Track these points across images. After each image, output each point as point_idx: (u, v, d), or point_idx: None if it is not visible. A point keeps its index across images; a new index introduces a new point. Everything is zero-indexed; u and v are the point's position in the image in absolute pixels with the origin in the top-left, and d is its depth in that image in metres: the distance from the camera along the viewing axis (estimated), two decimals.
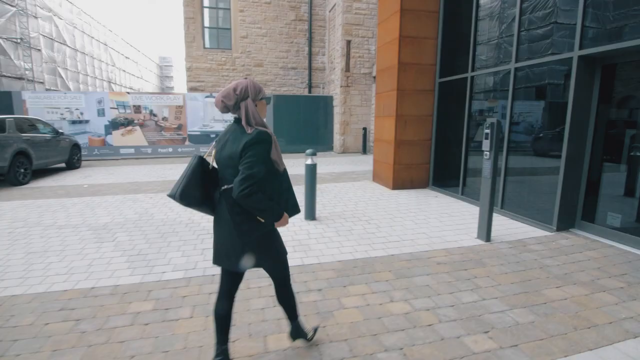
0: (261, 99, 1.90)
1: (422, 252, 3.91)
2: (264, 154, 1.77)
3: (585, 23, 4.18)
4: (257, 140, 1.74)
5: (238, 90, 1.80)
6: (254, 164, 1.71)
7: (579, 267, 3.51)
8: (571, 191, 4.47)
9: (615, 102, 4.30)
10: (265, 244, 1.95)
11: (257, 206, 1.76)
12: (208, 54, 14.87)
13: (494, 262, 3.65)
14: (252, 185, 1.69)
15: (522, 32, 5.04)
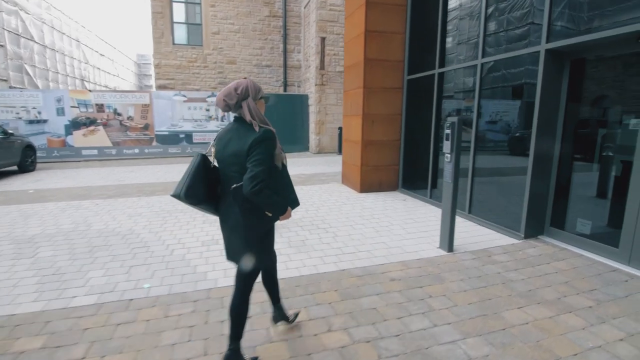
0: (260, 98, 1.96)
1: (376, 266, 3.52)
2: (271, 151, 1.83)
3: (552, 15, 3.87)
4: (263, 138, 1.80)
5: (239, 90, 1.86)
6: (262, 161, 1.77)
7: (545, 281, 3.18)
8: (539, 196, 4.17)
9: (585, 99, 4.00)
10: (262, 243, 2.01)
11: (267, 201, 1.82)
12: (178, 50, 14.24)
13: (453, 276, 3.29)
14: (262, 182, 1.75)
15: (489, 26, 4.71)
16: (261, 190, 1.75)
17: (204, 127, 13.24)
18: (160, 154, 13.00)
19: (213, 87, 14.58)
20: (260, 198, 1.78)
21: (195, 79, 14.50)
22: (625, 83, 3.73)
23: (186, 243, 4.18)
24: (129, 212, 5.55)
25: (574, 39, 3.58)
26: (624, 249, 3.45)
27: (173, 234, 4.52)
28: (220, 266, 3.52)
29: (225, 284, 3.16)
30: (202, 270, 3.46)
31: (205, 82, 14.57)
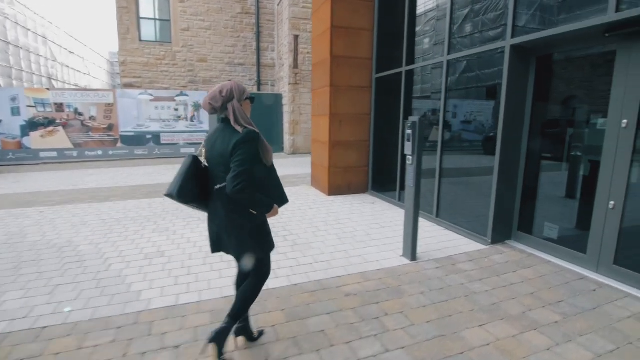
0: (246, 99, 2.00)
1: (333, 280, 3.23)
2: (253, 152, 1.89)
3: (517, 9, 3.67)
4: (246, 139, 1.85)
5: (224, 92, 1.91)
6: (244, 162, 1.82)
7: (510, 293, 2.96)
8: (506, 198, 3.97)
9: (553, 97, 3.83)
10: (258, 236, 2.04)
11: (249, 199, 1.88)
12: (145, 47, 13.61)
13: (413, 289, 3.03)
14: (243, 181, 1.80)
15: (455, 21, 4.50)
16: (243, 190, 1.80)
17: (173, 127, 12.70)
18: (126, 155, 12.38)
19: (183, 86, 14.03)
20: (242, 196, 1.83)
21: (164, 78, 13.91)
22: (593, 83, 3.57)
23: (127, 256, 3.78)
24: (74, 221, 5.08)
25: (539, 34, 3.38)
26: (592, 255, 3.28)
27: (115, 245, 4.11)
28: (159, 283, 3.16)
29: (160, 304, 2.81)
30: (136, 288, 3.08)
31: (174, 81, 14.00)
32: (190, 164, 1.97)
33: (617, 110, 3.02)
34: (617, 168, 3.04)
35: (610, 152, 3.09)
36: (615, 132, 3.04)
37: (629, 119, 2.94)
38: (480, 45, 4.15)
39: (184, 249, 3.98)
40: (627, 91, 2.93)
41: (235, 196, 1.82)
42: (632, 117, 2.92)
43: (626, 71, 2.94)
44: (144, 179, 8.65)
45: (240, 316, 2.09)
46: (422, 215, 5.09)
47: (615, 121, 3.04)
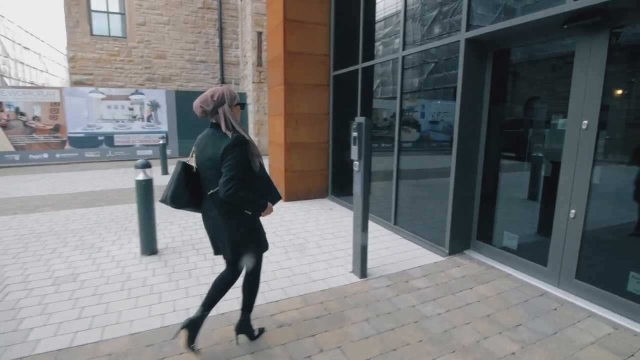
0: (236, 104, 2.06)
1: (268, 305, 2.80)
2: (243, 156, 1.93)
3: (472, 1, 3.37)
4: (235, 144, 1.91)
5: (215, 97, 1.97)
6: (235, 166, 1.89)
7: (465, 316, 2.63)
8: (464, 205, 3.68)
9: (511, 95, 3.56)
10: (252, 236, 2.12)
11: (242, 201, 1.96)
12: (97, 42, 12.71)
13: (358, 315, 2.65)
14: (235, 185, 1.87)
15: (410, 14, 4.18)
16: (235, 193, 1.87)
17: (128, 128, 11.90)
18: (76, 158, 11.48)
19: (140, 84, 13.22)
20: (235, 199, 1.90)
21: (119, 75, 13.04)
22: (553, 80, 3.31)
23: (33, 281, 3.21)
24: None
25: (493, 26, 3.08)
26: (553, 268, 3.01)
27: (24, 267, 3.51)
28: (57, 317, 2.63)
29: (48, 347, 2.29)
30: (27, 325, 2.54)
31: (130, 78, 13.16)
32: (180, 171, 2.05)
33: (577, 110, 2.75)
34: (578, 173, 2.77)
35: (570, 156, 2.82)
36: (575, 134, 2.77)
37: (589, 119, 2.67)
38: (436, 40, 3.83)
39: (104, 270, 3.45)
40: (588, 89, 2.66)
41: (228, 199, 1.90)
42: (593, 118, 2.65)
43: (586, 68, 2.67)
44: (89, 185, 7.92)
45: (251, 309, 2.31)
46: (379, 222, 4.75)
47: (575, 122, 2.77)
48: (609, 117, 2.67)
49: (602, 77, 2.57)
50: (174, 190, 2.02)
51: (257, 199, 2.04)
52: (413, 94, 4.53)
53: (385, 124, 5.29)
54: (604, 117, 2.66)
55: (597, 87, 2.61)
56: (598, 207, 2.81)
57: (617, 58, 2.57)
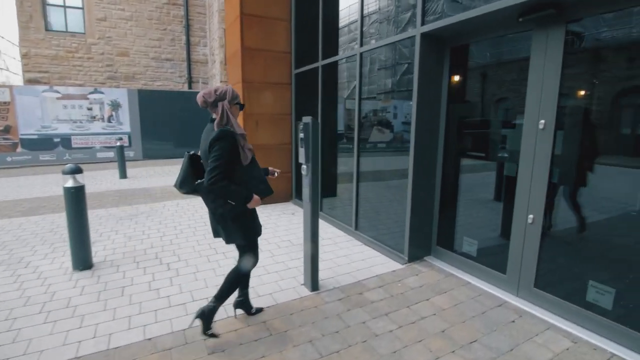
0: (236, 104, 2.26)
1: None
2: (227, 148, 2.07)
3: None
4: (220, 136, 2.07)
5: (219, 91, 2.18)
6: (219, 157, 2.05)
7: (418, 333, 2.42)
8: (424, 209, 3.49)
9: (471, 93, 3.39)
10: (239, 225, 2.24)
11: (224, 191, 2.11)
12: (52, 38, 11.94)
13: (302, 337, 2.39)
14: (217, 175, 2.03)
15: (368, 9, 3.96)
16: (216, 183, 2.03)
17: (86, 129, 11.24)
18: (29, 162, 10.74)
19: (101, 83, 12.54)
20: (216, 189, 2.07)
21: (77, 73, 12.33)
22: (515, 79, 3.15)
23: None
24: None
25: (447, 20, 2.89)
26: (512, 276, 2.85)
27: None
28: None
29: None
30: None
31: (90, 77, 12.47)
32: (186, 161, 2.25)
33: (533, 109, 2.59)
34: (536, 176, 2.62)
35: (527, 157, 2.66)
36: (532, 134, 2.61)
37: (546, 119, 2.52)
38: (393, 35, 3.63)
39: (25, 289, 3.06)
40: (545, 87, 2.51)
41: (210, 189, 2.07)
42: (550, 117, 2.50)
43: (542, 64, 2.51)
44: (37, 190, 7.35)
45: (225, 298, 2.35)
46: (341, 228, 4.53)
47: (532, 121, 2.61)
48: (567, 117, 2.52)
49: (559, 74, 2.42)
50: (182, 177, 2.25)
51: (239, 190, 2.14)
52: (384, 94, 4.32)
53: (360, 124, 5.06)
54: (563, 117, 2.51)
55: (553, 84, 2.45)
56: (558, 211, 2.67)
57: (574, 53, 2.43)
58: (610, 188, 2.46)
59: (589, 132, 2.49)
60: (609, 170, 2.44)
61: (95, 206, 5.93)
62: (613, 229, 2.47)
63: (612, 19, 2.26)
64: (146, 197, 6.55)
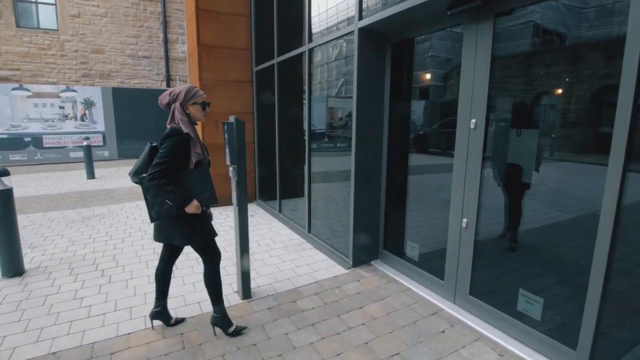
0: (193, 103, 2.20)
1: (117, 339, 2.35)
2: (172, 147, 2.05)
3: None
4: (169, 134, 2.07)
5: (172, 94, 2.18)
6: (164, 155, 2.03)
7: (340, 345, 2.28)
8: (369, 211, 3.36)
9: (415, 91, 3.26)
10: (175, 226, 2.20)
11: (161, 189, 2.05)
12: (24, 34, 11.62)
13: (216, 350, 2.25)
14: (157, 172, 2.01)
15: (315, 4, 3.82)
16: (154, 179, 2.01)
17: (58, 128, 10.97)
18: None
19: (75, 80, 12.24)
20: (153, 185, 2.04)
21: (51, 70, 12.02)
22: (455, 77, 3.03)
23: None
24: None
25: (381, 14, 2.76)
26: (449, 283, 2.73)
27: None
28: None
29: None
30: None
31: (64, 74, 12.16)
32: (147, 151, 2.20)
33: (465, 107, 2.47)
34: (469, 178, 2.50)
35: (460, 158, 2.54)
36: (464, 134, 2.49)
37: (477, 118, 2.39)
38: (335, 31, 3.48)
39: None
40: (476, 84, 2.38)
41: (149, 184, 2.05)
42: (480, 116, 2.37)
43: (473, 61, 2.38)
44: None
45: (219, 298, 2.38)
46: (296, 230, 4.39)
47: (464, 121, 2.49)
48: (497, 116, 2.40)
49: (488, 71, 2.29)
50: (137, 166, 2.19)
51: (177, 191, 2.07)
52: (321, 90, 4.18)
53: (340, 124, 4.91)
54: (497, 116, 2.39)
55: (483, 81, 2.33)
56: (492, 216, 2.55)
57: (502, 49, 2.30)
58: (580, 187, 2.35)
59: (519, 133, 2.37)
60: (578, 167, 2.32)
61: (51, 208, 5.73)
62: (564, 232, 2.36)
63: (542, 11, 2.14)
64: (107, 199, 6.36)
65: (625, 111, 1.62)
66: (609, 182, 1.70)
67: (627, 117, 1.61)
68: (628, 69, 1.60)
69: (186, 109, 2.18)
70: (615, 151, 1.67)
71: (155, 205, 2.12)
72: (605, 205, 1.72)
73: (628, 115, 1.61)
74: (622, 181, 1.65)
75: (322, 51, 4.17)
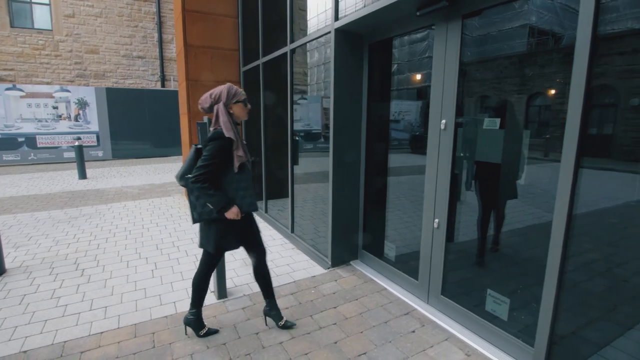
0: (236, 102, 2.17)
1: (88, 338, 2.36)
2: (215, 150, 2.04)
3: None
4: (212, 137, 2.07)
5: (213, 95, 2.14)
6: (206, 159, 2.04)
7: (309, 344, 2.30)
8: (347, 212, 3.37)
9: (393, 92, 3.27)
10: (208, 229, 2.20)
11: (203, 192, 2.05)
12: (18, 35, 11.63)
13: (186, 349, 2.26)
14: (200, 175, 2.02)
15: (297, 4, 3.83)
16: (197, 182, 2.02)
17: (52, 128, 10.98)
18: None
19: (69, 81, 12.26)
20: (196, 188, 2.06)
21: (45, 71, 12.03)
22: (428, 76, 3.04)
23: None
24: None
25: (354, 15, 2.77)
26: (423, 283, 2.75)
27: None
28: None
29: None
30: None
31: (58, 75, 12.18)
32: (192, 153, 2.20)
33: (436, 108, 2.48)
34: (440, 178, 2.51)
35: (432, 159, 2.55)
36: (435, 134, 2.50)
37: (447, 119, 2.41)
38: (315, 31, 3.50)
39: None
40: (446, 85, 2.40)
41: (192, 186, 2.07)
42: (450, 117, 2.39)
43: (443, 62, 2.40)
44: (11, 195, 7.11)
45: (199, 302, 2.36)
46: (280, 230, 4.41)
47: (435, 121, 2.50)
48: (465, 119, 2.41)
49: (457, 72, 2.31)
50: (183, 169, 2.19)
51: (219, 196, 2.07)
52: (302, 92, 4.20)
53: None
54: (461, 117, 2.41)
55: (453, 82, 2.34)
56: (463, 217, 2.56)
57: (470, 50, 2.32)
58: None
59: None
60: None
61: (40, 208, 5.74)
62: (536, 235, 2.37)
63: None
64: (96, 199, 6.36)
65: (576, 113, 1.63)
66: (562, 182, 1.71)
67: (578, 119, 1.62)
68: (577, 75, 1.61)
69: (230, 108, 2.15)
70: (566, 153, 1.68)
71: (197, 207, 2.13)
72: (558, 203, 1.74)
73: (578, 118, 1.62)
74: (574, 180, 1.67)
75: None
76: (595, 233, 1.85)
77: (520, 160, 2.24)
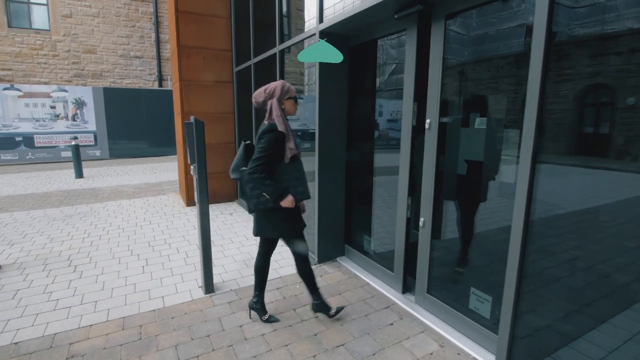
0: (288, 98, 2.28)
1: (78, 331, 2.44)
2: (270, 142, 2.15)
3: None
4: (267, 130, 2.17)
5: (268, 90, 2.25)
6: (262, 150, 2.15)
7: (290, 335, 2.38)
8: (333, 209, 3.46)
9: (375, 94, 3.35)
10: (268, 218, 2.32)
11: (259, 183, 2.18)
12: (15, 35, 11.70)
13: (170, 340, 2.34)
14: (257, 166, 2.15)
15: (287, 5, 3.91)
16: (254, 173, 2.15)
17: (50, 127, 11.05)
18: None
19: (67, 80, 12.33)
20: (252, 179, 2.18)
21: (42, 70, 12.10)
22: None
23: None
24: None
25: (335, 17, 2.85)
26: (398, 273, 2.83)
27: None
28: None
29: None
30: None
31: (56, 74, 12.25)
32: (242, 149, 2.37)
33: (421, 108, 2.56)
34: (425, 178, 2.59)
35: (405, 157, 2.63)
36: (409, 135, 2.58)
37: (431, 118, 2.49)
38: (300, 33, 3.58)
39: None
40: (430, 86, 2.47)
41: (249, 177, 2.19)
42: (434, 116, 2.46)
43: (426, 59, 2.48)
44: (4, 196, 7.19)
45: (315, 286, 2.53)
46: None
47: (420, 121, 2.58)
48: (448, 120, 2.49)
49: (440, 72, 2.38)
50: (235, 164, 2.37)
51: (275, 185, 2.18)
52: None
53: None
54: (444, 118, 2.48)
55: (436, 82, 2.42)
56: (448, 216, 2.64)
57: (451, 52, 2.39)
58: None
59: None
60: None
61: (35, 207, 5.82)
62: None
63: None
64: (92, 198, 6.45)
65: (532, 113, 1.71)
66: (520, 178, 1.79)
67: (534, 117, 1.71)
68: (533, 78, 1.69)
69: (282, 104, 2.25)
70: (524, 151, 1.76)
71: (253, 197, 2.24)
72: (516, 198, 1.82)
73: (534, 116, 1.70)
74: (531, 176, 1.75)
75: None
76: (583, 231, 1.91)
77: (496, 161, 2.32)
